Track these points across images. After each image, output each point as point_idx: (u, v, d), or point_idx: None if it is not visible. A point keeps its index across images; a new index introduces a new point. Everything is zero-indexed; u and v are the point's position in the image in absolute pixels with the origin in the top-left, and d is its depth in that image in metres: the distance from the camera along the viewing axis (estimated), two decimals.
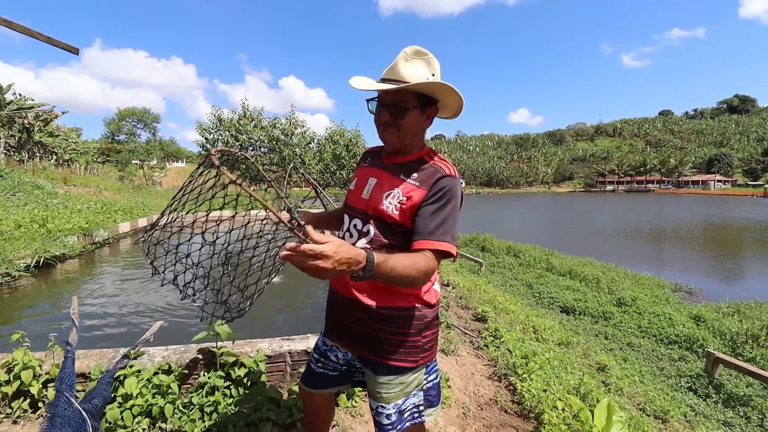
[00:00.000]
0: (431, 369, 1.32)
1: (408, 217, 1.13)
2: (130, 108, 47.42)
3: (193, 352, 2.18)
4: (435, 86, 1.10)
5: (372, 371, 1.24)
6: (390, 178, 1.20)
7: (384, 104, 1.15)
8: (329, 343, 1.38)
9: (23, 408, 1.97)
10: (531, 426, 2.23)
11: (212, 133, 19.58)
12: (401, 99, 1.12)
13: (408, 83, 1.07)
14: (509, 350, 3.12)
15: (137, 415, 1.86)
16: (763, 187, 65.07)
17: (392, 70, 1.12)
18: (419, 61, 1.12)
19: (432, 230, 1.08)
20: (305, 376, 1.45)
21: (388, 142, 1.19)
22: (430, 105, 1.17)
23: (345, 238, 1.23)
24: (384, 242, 1.16)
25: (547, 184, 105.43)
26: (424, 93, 1.14)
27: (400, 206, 1.13)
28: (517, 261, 10.14)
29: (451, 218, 1.10)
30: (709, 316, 6.17)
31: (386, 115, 1.14)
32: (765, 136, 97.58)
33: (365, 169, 1.31)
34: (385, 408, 1.22)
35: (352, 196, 1.29)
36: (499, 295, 5.43)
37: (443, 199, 1.11)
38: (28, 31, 5.03)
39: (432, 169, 1.16)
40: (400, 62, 1.11)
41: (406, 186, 1.15)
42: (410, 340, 1.20)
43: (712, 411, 3.64)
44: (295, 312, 4.19)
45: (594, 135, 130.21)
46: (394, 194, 1.16)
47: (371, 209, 1.19)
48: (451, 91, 1.11)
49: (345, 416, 2.14)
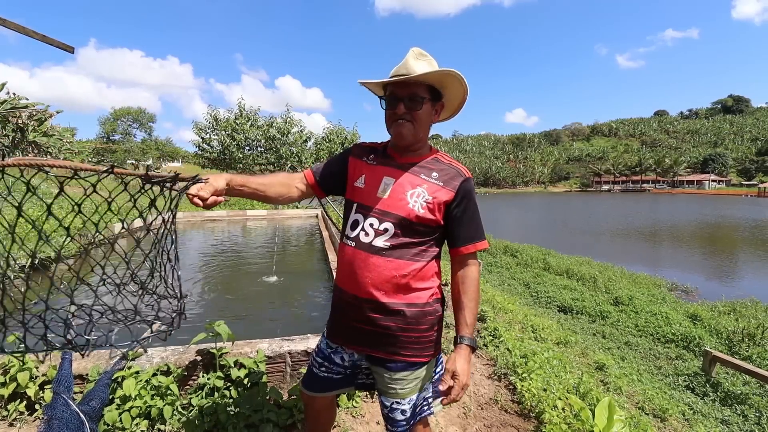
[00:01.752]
0: (439, 361, 1.37)
1: (436, 214, 1.21)
2: (126, 108, 47.24)
3: (192, 354, 2.16)
4: (447, 75, 1.17)
5: (386, 369, 1.25)
6: (411, 178, 1.23)
7: (399, 98, 1.19)
8: (333, 346, 1.37)
9: (20, 410, 1.94)
10: (532, 425, 2.23)
11: (208, 133, 19.52)
12: (415, 92, 1.19)
13: (421, 74, 1.14)
14: (508, 349, 3.12)
15: (136, 416, 1.84)
16: (757, 187, 65.62)
17: (404, 66, 1.18)
18: (425, 61, 1.21)
19: (472, 235, 1.25)
20: (307, 381, 1.43)
21: (404, 135, 1.21)
22: (438, 99, 1.25)
23: (360, 238, 1.22)
24: (403, 240, 1.20)
25: (543, 184, 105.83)
26: (434, 86, 1.21)
27: (426, 204, 1.19)
28: (515, 260, 10.18)
29: (478, 217, 1.27)
30: (705, 314, 6.22)
31: (402, 108, 1.19)
32: (759, 136, 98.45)
33: (373, 167, 1.30)
34: (400, 403, 1.25)
35: (363, 194, 1.27)
36: (497, 295, 5.44)
37: (471, 202, 1.24)
38: (23, 30, 4.98)
39: (453, 171, 1.25)
40: (411, 59, 1.19)
41: (430, 185, 1.22)
42: (425, 335, 1.25)
43: (709, 409, 3.67)
44: (295, 312, 4.17)
45: (590, 135, 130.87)
46: (419, 193, 1.20)
47: (393, 208, 1.20)
48: (457, 83, 1.20)
49: (346, 417, 2.13)
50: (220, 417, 1.87)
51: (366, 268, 1.20)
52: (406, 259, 1.21)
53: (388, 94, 1.23)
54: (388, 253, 1.19)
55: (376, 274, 1.19)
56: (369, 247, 1.20)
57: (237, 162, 19.43)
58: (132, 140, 46.49)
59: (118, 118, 46.22)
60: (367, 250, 1.20)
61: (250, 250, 7.78)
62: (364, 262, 1.20)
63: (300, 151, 19.24)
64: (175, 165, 55.32)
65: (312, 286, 5.21)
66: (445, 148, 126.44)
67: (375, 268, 1.19)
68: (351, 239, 1.25)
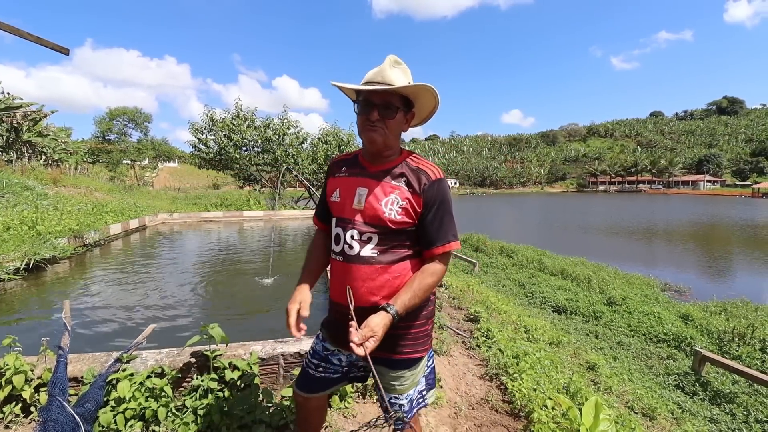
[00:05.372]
0: (430, 355, 1.43)
1: (412, 217, 1.22)
2: (121, 107, 46.86)
3: (186, 356, 2.18)
4: (421, 88, 1.21)
5: (387, 367, 1.29)
6: (383, 186, 1.24)
7: (374, 104, 1.21)
8: (330, 348, 1.40)
9: (15, 413, 1.96)
10: (521, 425, 2.27)
11: (204, 133, 19.44)
12: (390, 101, 1.21)
13: (397, 86, 1.17)
14: (501, 350, 3.16)
15: (130, 418, 1.87)
16: (751, 188, 66.10)
17: (380, 73, 1.21)
18: (399, 69, 1.23)
19: (436, 237, 1.23)
20: (302, 382, 1.46)
21: (375, 140, 1.23)
22: (409, 109, 1.28)
23: (346, 251, 1.25)
24: (388, 245, 1.23)
25: (540, 185, 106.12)
26: (407, 96, 1.24)
27: (402, 210, 1.21)
28: (510, 261, 10.23)
29: (447, 218, 1.24)
30: (697, 314, 6.28)
31: (376, 115, 1.21)
32: (753, 137, 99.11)
33: (346, 179, 1.32)
34: (398, 398, 1.31)
35: (339, 207, 1.30)
36: (491, 296, 5.48)
37: (436, 203, 1.23)
38: (17, 32, 4.97)
39: (419, 174, 1.25)
40: (387, 68, 1.21)
41: (401, 191, 1.23)
42: (423, 329, 1.31)
43: (698, 408, 3.72)
44: None
45: (586, 136, 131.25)
46: (392, 200, 1.22)
47: (370, 218, 1.22)
48: (430, 95, 1.23)
49: (338, 417, 2.16)
50: (213, 418, 1.89)
51: (360, 279, 1.23)
52: (396, 261, 1.24)
53: (362, 99, 1.23)
54: (377, 260, 1.23)
55: (370, 282, 1.23)
56: (357, 258, 1.23)
57: (233, 163, 19.35)
58: (128, 140, 46.10)
59: (114, 117, 45.84)
60: (356, 261, 1.23)
61: (246, 251, 7.79)
62: (356, 273, 1.23)
63: (296, 153, 19.21)
64: (171, 165, 55.07)
65: None
66: (443, 149, 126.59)
67: (368, 277, 1.22)
68: (338, 254, 1.29)
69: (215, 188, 33.89)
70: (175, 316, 4.01)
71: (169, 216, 12.60)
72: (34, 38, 4.97)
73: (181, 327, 3.69)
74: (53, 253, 6.22)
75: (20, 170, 14.30)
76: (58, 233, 7.14)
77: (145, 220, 10.96)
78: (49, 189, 12.62)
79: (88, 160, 31.28)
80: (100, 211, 10.69)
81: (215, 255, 7.49)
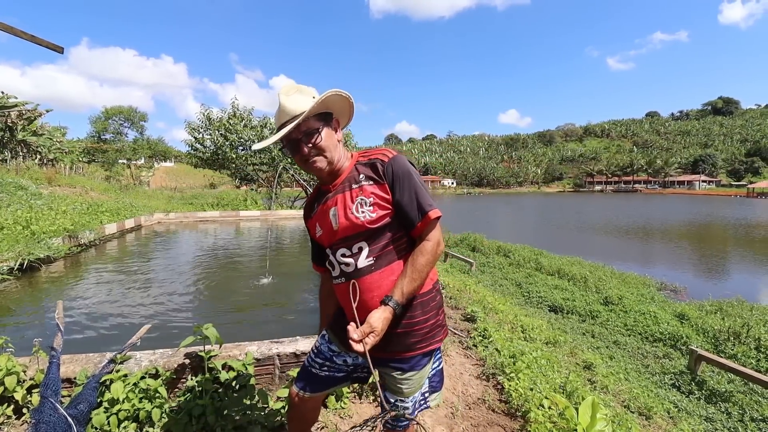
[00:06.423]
0: (437, 356, 1.40)
1: (387, 209, 1.21)
2: (117, 106, 46.55)
3: (180, 356, 2.16)
4: (327, 99, 1.21)
5: (395, 369, 1.28)
6: (346, 195, 1.25)
7: (298, 140, 1.21)
8: (336, 350, 1.40)
9: (7, 414, 1.94)
10: (518, 424, 2.27)
11: (201, 133, 19.35)
12: (309, 127, 1.20)
13: (306, 110, 1.16)
14: (497, 350, 3.16)
15: (124, 419, 1.85)
16: (746, 187, 66.56)
17: (284, 111, 1.19)
18: (297, 94, 1.21)
19: (414, 214, 1.19)
20: (305, 381, 1.44)
21: (321, 167, 1.24)
22: (330, 118, 1.27)
23: (345, 270, 1.26)
24: (380, 246, 1.22)
25: (536, 184, 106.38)
26: (321, 111, 1.23)
27: (373, 207, 1.20)
28: (507, 261, 10.24)
29: (417, 190, 1.20)
30: (692, 314, 6.31)
31: (305, 148, 1.21)
32: (748, 138, 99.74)
33: (319, 212, 1.34)
34: (404, 401, 1.30)
35: (325, 237, 1.31)
36: (488, 295, 5.49)
37: (400, 180, 1.20)
38: (11, 30, 4.93)
39: (374, 164, 1.24)
40: (285, 101, 1.19)
41: (364, 189, 1.22)
42: (435, 319, 1.29)
43: (694, 407, 3.73)
44: (283, 314, 4.17)
45: (583, 136, 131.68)
46: (360, 202, 1.21)
47: (350, 230, 1.23)
48: (337, 97, 1.23)
49: (334, 418, 2.15)
50: (208, 419, 1.88)
51: (367, 291, 1.22)
52: (396, 259, 1.24)
53: (287, 142, 1.23)
54: (377, 265, 1.22)
55: (377, 290, 1.21)
56: (357, 272, 1.23)
57: (230, 162, 19.29)
58: (124, 139, 45.81)
59: (110, 117, 45.52)
60: (357, 275, 1.23)
61: (242, 251, 7.76)
62: (362, 286, 1.22)
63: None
64: (168, 165, 54.81)
65: (304, 287, 5.22)
66: (440, 149, 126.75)
67: (374, 286, 1.22)
68: (338, 277, 1.30)
69: (212, 188, 33.75)
70: (170, 317, 3.99)
71: (165, 216, 12.54)
72: (28, 36, 4.92)
73: (176, 327, 3.67)
74: (47, 253, 6.18)
75: (15, 169, 14.20)
76: (53, 233, 7.09)
77: (141, 220, 10.91)
78: (43, 188, 12.54)
79: (84, 160, 31.11)
80: (96, 210, 10.62)
81: (211, 255, 7.46)
